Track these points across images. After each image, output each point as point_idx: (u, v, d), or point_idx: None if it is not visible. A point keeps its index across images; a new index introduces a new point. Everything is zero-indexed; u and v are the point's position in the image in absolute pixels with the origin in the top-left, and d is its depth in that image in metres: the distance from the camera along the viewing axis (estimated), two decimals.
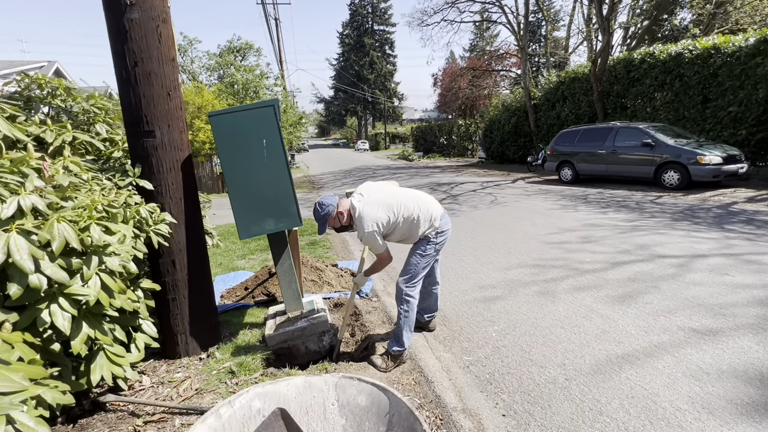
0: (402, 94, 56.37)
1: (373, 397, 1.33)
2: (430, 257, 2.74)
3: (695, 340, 2.67)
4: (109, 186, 2.32)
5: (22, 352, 1.32)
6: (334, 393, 1.38)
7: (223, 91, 15.31)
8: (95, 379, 2.02)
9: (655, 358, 2.52)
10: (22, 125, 2.20)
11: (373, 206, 2.57)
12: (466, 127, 28.41)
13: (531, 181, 12.32)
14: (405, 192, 2.79)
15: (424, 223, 2.68)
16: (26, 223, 1.44)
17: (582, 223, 6.06)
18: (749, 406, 2.02)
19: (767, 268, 3.76)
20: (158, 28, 2.43)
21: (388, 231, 2.63)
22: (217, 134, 2.60)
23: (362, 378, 1.38)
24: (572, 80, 15.54)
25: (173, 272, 2.70)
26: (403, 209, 2.62)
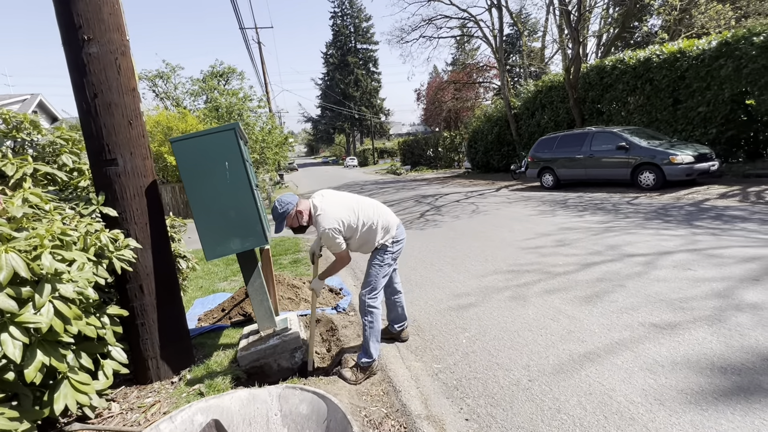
0: (388, 109, 57.20)
1: (314, 404, 1.38)
2: (387, 266, 2.80)
3: (654, 334, 2.75)
4: (71, 215, 2.36)
5: None
6: (277, 403, 1.43)
7: (207, 115, 15.46)
8: (59, 408, 2.03)
9: (615, 355, 2.58)
10: None
11: (334, 205, 2.62)
12: (451, 139, 28.80)
13: (514, 189, 12.50)
14: (363, 199, 2.85)
15: (381, 231, 2.74)
16: None
17: (558, 228, 6.18)
18: (698, 395, 2.09)
19: (727, 261, 3.87)
20: (117, 61, 2.52)
21: (348, 234, 2.65)
22: (179, 159, 2.67)
23: (304, 387, 1.43)
24: (549, 89, 15.94)
25: (141, 297, 2.73)
26: (363, 214, 2.69)
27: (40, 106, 19.50)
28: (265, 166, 17.46)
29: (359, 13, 54.43)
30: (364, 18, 54.58)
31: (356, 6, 54.37)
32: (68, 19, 2.38)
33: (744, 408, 1.96)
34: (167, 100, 16.15)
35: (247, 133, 14.51)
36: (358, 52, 54.99)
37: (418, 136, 35.47)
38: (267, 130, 16.70)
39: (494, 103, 23.33)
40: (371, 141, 50.26)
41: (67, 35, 2.41)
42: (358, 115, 52.08)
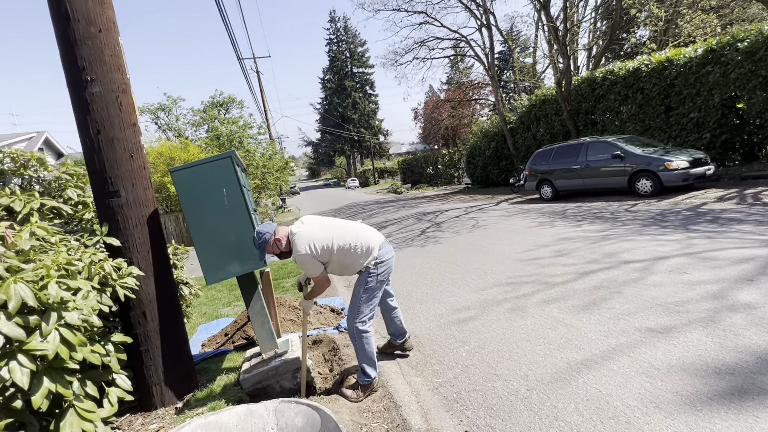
0: (387, 130, 57.94)
1: (309, 416, 1.43)
2: (373, 289, 2.75)
3: (650, 338, 2.77)
4: (76, 246, 2.46)
5: None
6: (273, 418, 1.48)
7: (209, 144, 15.79)
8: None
9: (612, 360, 2.61)
10: None
11: (309, 229, 2.64)
12: (450, 156, 29.11)
13: (514, 202, 12.58)
14: (344, 222, 2.85)
15: (361, 254, 2.69)
16: None
17: (556, 238, 6.23)
18: (693, 396, 2.11)
19: (722, 263, 3.90)
20: (118, 98, 2.67)
21: (323, 258, 2.63)
22: (179, 188, 2.79)
23: (299, 401, 1.49)
24: (543, 102, 16.22)
25: (144, 324, 2.80)
26: (338, 238, 2.65)
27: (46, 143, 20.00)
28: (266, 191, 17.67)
29: (354, 39, 55.92)
30: (359, 43, 56.06)
31: (351, 32, 55.91)
32: (72, 62, 2.54)
33: (738, 407, 1.98)
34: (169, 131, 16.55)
35: (248, 159, 14.78)
36: (354, 76, 56.22)
37: (417, 154, 35.89)
38: (268, 156, 16.99)
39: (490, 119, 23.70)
40: (371, 161, 50.83)
41: (71, 77, 2.57)
42: (357, 137, 52.82)
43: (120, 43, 2.74)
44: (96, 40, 2.56)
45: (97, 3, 2.58)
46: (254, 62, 21.79)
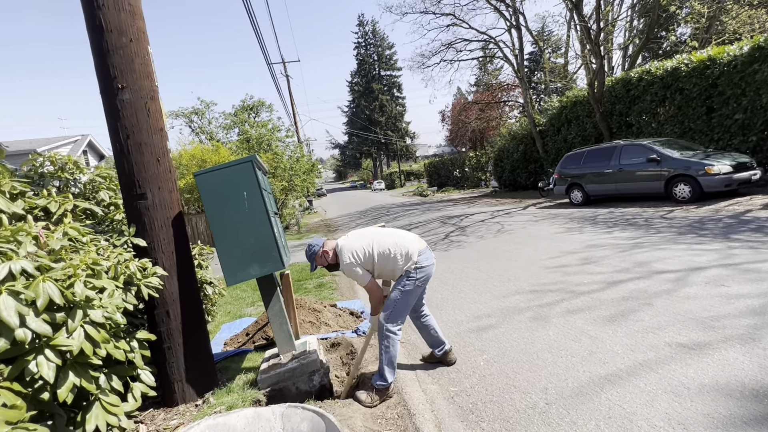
0: (413, 132, 57.85)
1: (314, 423, 1.43)
2: (409, 293, 2.80)
3: (681, 355, 2.62)
4: (105, 246, 2.58)
5: (6, 398, 1.50)
6: (280, 422, 1.49)
7: (239, 146, 16.25)
8: (90, 428, 2.16)
9: (638, 376, 2.47)
10: (30, 199, 2.52)
11: (351, 241, 2.85)
12: (477, 159, 28.71)
13: (542, 207, 12.25)
14: (383, 230, 3.01)
15: (400, 258, 2.80)
16: (16, 284, 1.67)
17: (585, 245, 6.00)
18: (726, 419, 1.97)
19: (765, 276, 3.64)
20: (147, 105, 2.78)
21: (367, 266, 2.81)
22: (202, 190, 2.87)
23: (306, 406, 1.49)
24: (574, 104, 15.74)
25: (168, 322, 2.89)
26: (377, 245, 2.81)
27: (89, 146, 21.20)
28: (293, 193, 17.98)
29: (382, 42, 56.24)
30: (387, 46, 56.32)
31: (379, 35, 56.26)
32: (105, 70, 2.66)
33: None
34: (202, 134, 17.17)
35: (276, 162, 15.09)
36: (382, 79, 56.50)
37: (444, 157, 35.63)
38: (295, 159, 17.30)
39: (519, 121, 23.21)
40: (397, 164, 50.84)
41: (104, 85, 2.70)
42: (384, 140, 53.01)
43: (149, 51, 2.85)
44: (127, 50, 2.68)
45: (129, 14, 2.70)
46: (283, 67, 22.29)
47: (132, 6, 2.74)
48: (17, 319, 1.59)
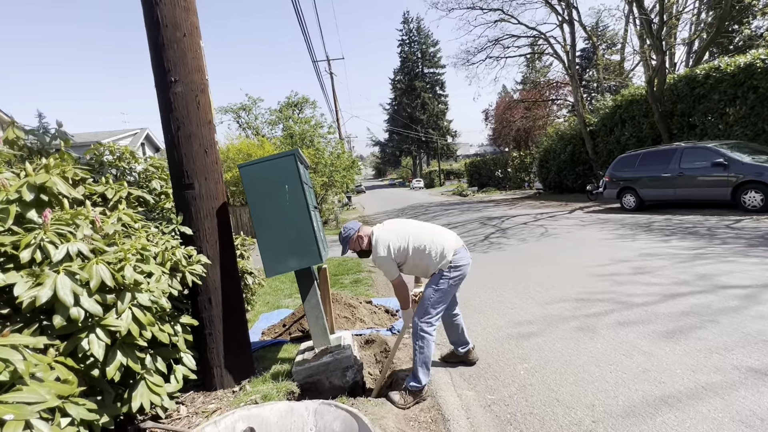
0: (455, 131, 56.94)
1: (347, 423, 1.39)
2: (443, 292, 2.74)
3: (752, 381, 2.34)
4: (155, 233, 2.69)
5: (59, 372, 1.58)
6: (312, 418, 1.46)
7: (283, 142, 16.70)
8: (135, 406, 2.26)
9: (701, 401, 2.24)
10: (90, 186, 2.67)
11: (386, 232, 2.80)
12: (521, 159, 27.79)
13: (590, 211, 11.63)
14: (421, 225, 2.94)
15: (434, 256, 2.73)
16: (73, 265, 1.76)
17: (638, 253, 5.60)
18: None
19: None
20: (197, 98, 2.86)
21: (400, 259, 2.77)
22: (245, 182, 2.93)
23: (339, 405, 1.45)
24: (630, 103, 14.81)
25: (209, 309, 2.98)
26: (413, 239, 2.75)
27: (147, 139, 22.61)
28: (333, 189, 18.23)
29: (426, 39, 55.70)
30: (431, 43, 55.71)
31: (423, 32, 55.75)
32: (160, 64, 2.77)
33: None
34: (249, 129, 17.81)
35: (317, 157, 15.35)
36: (425, 77, 56.01)
37: (486, 156, 34.79)
38: (336, 155, 17.52)
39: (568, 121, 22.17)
40: (437, 163, 50.29)
41: (158, 78, 2.81)
42: (424, 138, 52.59)
43: (201, 46, 2.94)
44: (181, 44, 2.77)
45: (183, 9, 2.79)
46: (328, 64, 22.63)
47: (187, 2, 2.83)
48: (72, 298, 1.67)
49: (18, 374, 1.27)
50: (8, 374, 1.23)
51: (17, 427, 1.13)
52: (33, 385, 1.29)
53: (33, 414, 1.19)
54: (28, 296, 1.59)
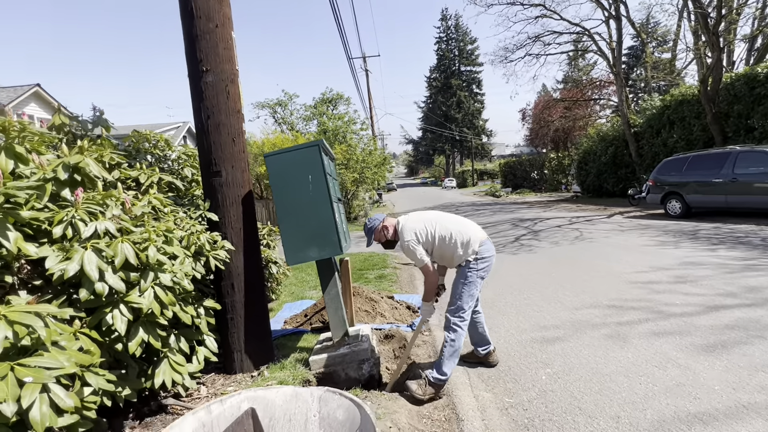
0: (491, 130, 55.88)
1: (350, 412, 1.37)
2: (472, 285, 2.72)
3: None
4: (183, 217, 2.78)
5: (83, 343, 1.65)
6: (317, 405, 1.45)
7: (316, 137, 16.96)
8: (158, 382, 2.35)
9: (740, 421, 2.06)
10: (125, 170, 2.79)
11: (412, 220, 2.84)
12: (558, 161, 26.85)
13: (630, 216, 11.06)
14: (447, 215, 2.94)
15: (460, 246, 2.72)
16: (100, 242, 1.84)
17: (680, 261, 5.25)
18: None
19: None
20: (227, 88, 2.93)
21: (426, 247, 2.76)
22: (270, 171, 2.97)
23: (343, 393, 1.43)
24: (680, 103, 13.93)
25: (232, 294, 3.05)
26: (439, 227, 2.75)
27: (188, 132, 23.63)
28: (364, 185, 18.33)
29: (464, 37, 54.84)
30: (469, 41, 54.82)
31: (462, 30, 54.94)
32: (193, 54, 2.85)
33: None
34: (284, 124, 18.22)
35: (349, 153, 15.47)
36: (461, 75, 55.20)
37: (522, 157, 33.88)
38: (368, 151, 17.60)
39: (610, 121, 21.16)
40: (471, 162, 49.50)
41: (191, 68, 2.90)
42: (459, 137, 51.89)
43: (233, 37, 3.00)
44: (213, 35, 2.84)
45: (216, 1, 2.86)
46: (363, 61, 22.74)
47: None
48: (97, 273, 1.74)
49: (41, 341, 1.33)
50: (30, 340, 1.29)
51: (34, 390, 1.19)
52: (54, 352, 1.35)
53: (50, 378, 1.24)
54: (58, 269, 1.67)
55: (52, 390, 1.25)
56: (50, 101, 15.86)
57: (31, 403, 1.18)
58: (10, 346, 1.27)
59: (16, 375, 1.21)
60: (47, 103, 15.74)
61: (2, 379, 1.19)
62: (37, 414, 1.19)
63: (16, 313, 1.26)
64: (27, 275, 1.78)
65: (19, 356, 1.29)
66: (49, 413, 1.22)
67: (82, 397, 1.64)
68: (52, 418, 1.22)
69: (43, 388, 1.22)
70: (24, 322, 1.25)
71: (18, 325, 1.24)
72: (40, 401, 1.21)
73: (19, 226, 1.71)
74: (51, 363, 1.29)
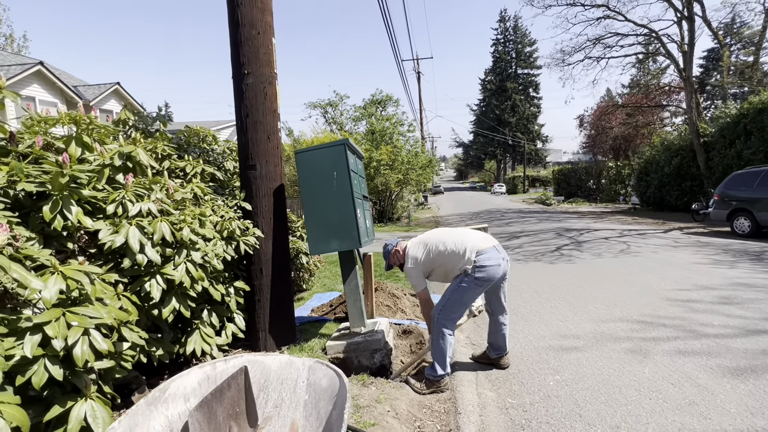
0: (546, 136, 53.69)
1: (332, 381, 1.53)
2: (466, 291, 2.71)
3: None
4: (220, 205, 3.10)
5: (124, 303, 1.96)
6: (306, 373, 1.63)
7: (364, 137, 17.36)
8: (189, 350, 2.67)
9: None
10: (175, 161, 3.17)
11: (414, 245, 2.92)
12: (617, 170, 25.29)
13: (689, 232, 10.26)
14: (452, 230, 2.99)
15: (455, 256, 2.74)
16: (143, 220, 2.16)
17: (730, 282, 4.86)
18: None
19: None
20: (265, 89, 3.22)
21: (427, 267, 2.84)
22: (299, 167, 3.21)
23: (329, 365, 1.60)
24: (759, 112, 12.66)
25: (260, 278, 3.34)
26: (438, 243, 2.83)
27: None
28: (408, 187, 18.45)
29: (523, 39, 53.18)
30: (527, 43, 53.08)
31: (521, 31, 53.32)
32: (237, 58, 3.17)
33: None
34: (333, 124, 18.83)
35: (394, 154, 15.67)
36: (518, 78, 53.57)
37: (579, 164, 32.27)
38: (414, 153, 17.71)
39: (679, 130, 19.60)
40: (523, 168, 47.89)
41: (235, 71, 3.22)
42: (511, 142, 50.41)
43: (273, 42, 3.29)
44: (254, 41, 3.14)
45: (260, 10, 3.15)
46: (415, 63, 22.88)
47: (263, 3, 3.19)
48: (138, 245, 2.05)
49: (87, 295, 1.63)
50: (79, 293, 1.59)
51: (78, 332, 1.48)
52: (97, 306, 1.64)
53: (91, 324, 1.53)
54: (108, 240, 2.00)
55: (92, 334, 1.53)
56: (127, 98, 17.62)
57: (75, 341, 1.47)
58: (64, 297, 1.58)
59: (66, 319, 1.50)
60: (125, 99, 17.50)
61: (57, 320, 1.49)
62: (78, 351, 1.47)
63: (69, 270, 1.56)
64: (85, 244, 2.13)
65: (70, 305, 1.59)
66: (88, 352, 1.50)
67: (121, 349, 1.95)
68: (90, 357, 1.50)
69: (85, 332, 1.51)
70: (75, 278, 1.55)
71: (71, 280, 1.53)
72: (82, 342, 1.49)
73: (82, 203, 2.06)
74: (93, 313, 1.58)
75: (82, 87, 16.64)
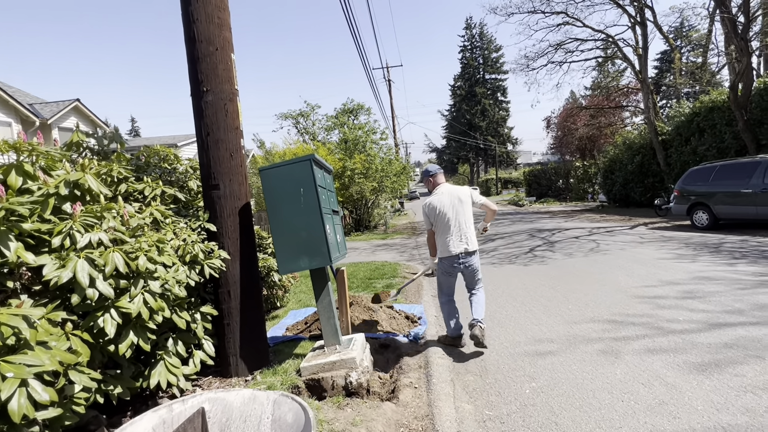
0: (516, 138, 55.08)
1: (297, 416, 1.46)
2: (440, 277, 3.72)
3: None
4: (183, 228, 2.97)
5: (73, 343, 1.82)
6: (271, 408, 1.55)
7: (337, 147, 17.28)
8: (153, 383, 2.52)
9: None
10: (132, 184, 3.02)
11: (438, 198, 3.58)
12: (584, 169, 26.18)
13: (655, 227, 10.68)
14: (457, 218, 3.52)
15: (439, 240, 3.60)
16: (93, 252, 2.03)
17: (693, 276, 5.06)
18: None
19: None
20: (225, 106, 3.13)
21: (430, 217, 3.63)
22: (264, 184, 3.12)
23: (295, 397, 1.53)
24: (710, 110, 13.41)
25: (228, 301, 3.21)
26: (440, 218, 3.55)
27: None
28: (384, 194, 18.46)
29: (489, 45, 54.57)
30: (493, 49, 54.49)
31: (486, 38, 54.72)
32: (194, 75, 3.07)
33: None
34: (306, 134, 18.67)
35: (368, 163, 15.66)
36: (486, 83, 54.86)
37: (548, 165, 33.21)
38: (387, 161, 17.74)
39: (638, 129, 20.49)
40: (495, 170, 48.87)
41: (193, 88, 3.11)
42: (483, 145, 51.42)
43: (232, 59, 3.20)
44: (212, 57, 3.05)
45: (217, 26, 3.07)
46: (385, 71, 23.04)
47: (221, 19, 3.11)
48: (88, 280, 1.92)
49: (26, 340, 1.50)
50: (15, 339, 1.46)
51: (13, 384, 1.35)
52: (38, 351, 1.52)
53: (29, 374, 1.40)
54: (53, 276, 1.86)
55: (30, 385, 1.41)
56: (89, 114, 16.92)
57: (10, 395, 1.34)
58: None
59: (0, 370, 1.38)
60: (86, 117, 16.79)
61: None
62: (15, 405, 1.35)
63: (4, 315, 1.43)
64: (28, 281, 1.98)
65: (6, 354, 1.46)
66: (26, 405, 1.38)
67: (71, 393, 1.81)
68: (29, 410, 1.38)
69: (22, 383, 1.38)
70: (10, 323, 1.42)
71: (4, 327, 1.41)
72: (18, 395, 1.37)
73: (24, 236, 1.92)
74: (32, 360, 1.45)
75: (38, 105, 15.86)
